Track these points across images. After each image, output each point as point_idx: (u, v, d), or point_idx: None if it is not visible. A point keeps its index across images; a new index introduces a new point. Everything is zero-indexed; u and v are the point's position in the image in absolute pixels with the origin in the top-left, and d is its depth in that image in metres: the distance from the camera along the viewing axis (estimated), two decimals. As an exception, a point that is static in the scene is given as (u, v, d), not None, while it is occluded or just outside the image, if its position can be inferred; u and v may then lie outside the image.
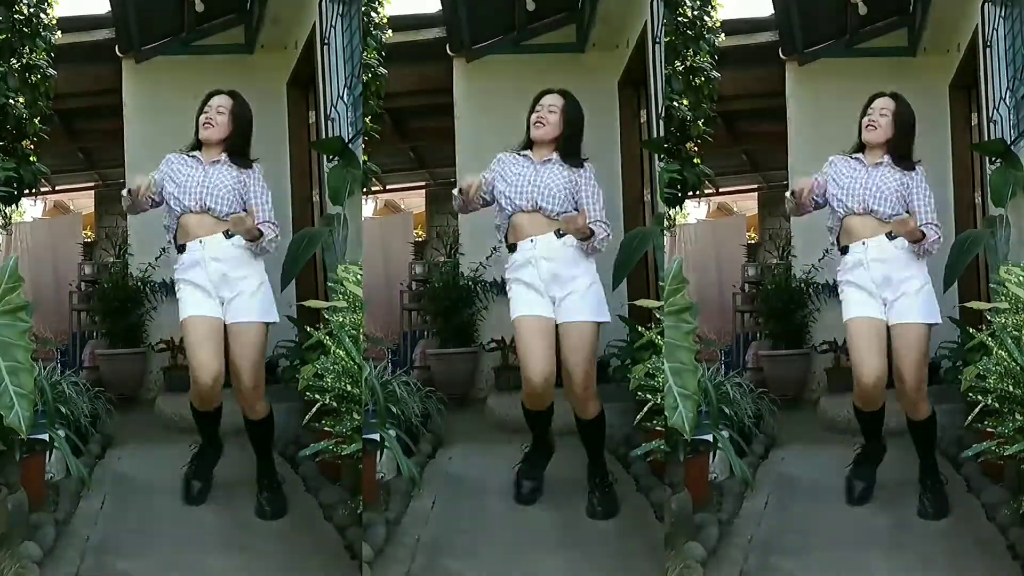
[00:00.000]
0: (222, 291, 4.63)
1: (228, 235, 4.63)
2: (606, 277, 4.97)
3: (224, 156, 4.71)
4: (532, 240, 4.61)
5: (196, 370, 4.59)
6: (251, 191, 4.69)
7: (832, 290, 5.80)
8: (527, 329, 4.60)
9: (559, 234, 4.61)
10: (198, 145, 4.74)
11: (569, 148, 4.69)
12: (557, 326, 4.63)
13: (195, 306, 4.61)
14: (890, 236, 4.60)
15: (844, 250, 4.68)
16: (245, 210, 4.64)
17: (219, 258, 4.63)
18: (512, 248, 4.66)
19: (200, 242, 4.63)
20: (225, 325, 4.64)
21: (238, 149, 4.74)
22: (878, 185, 4.63)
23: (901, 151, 4.68)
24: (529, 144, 4.71)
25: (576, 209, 4.61)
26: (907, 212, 4.60)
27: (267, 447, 4.83)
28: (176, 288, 4.70)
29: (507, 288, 4.69)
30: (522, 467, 4.86)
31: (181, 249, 4.67)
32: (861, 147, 4.73)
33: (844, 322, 4.70)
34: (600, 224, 4.63)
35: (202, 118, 4.70)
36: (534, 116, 4.69)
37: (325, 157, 5.26)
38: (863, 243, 4.63)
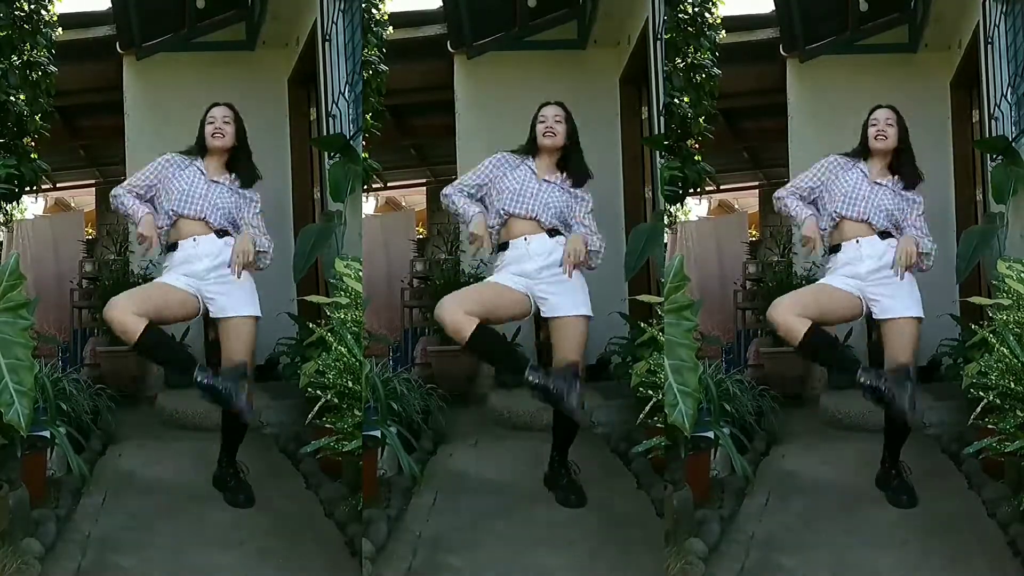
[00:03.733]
0: (208, 288, 4.61)
1: (220, 235, 4.64)
2: (609, 271, 4.99)
3: (227, 173, 4.71)
4: (526, 239, 4.62)
5: (114, 303, 4.52)
6: (245, 217, 4.69)
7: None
8: (486, 285, 4.64)
9: (552, 234, 4.62)
10: (200, 152, 4.72)
11: (575, 161, 4.70)
12: (548, 321, 4.63)
13: (169, 279, 4.61)
14: (883, 236, 4.61)
15: (835, 248, 4.68)
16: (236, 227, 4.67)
17: (212, 254, 4.63)
18: (503, 247, 4.65)
19: (194, 240, 4.63)
20: (216, 321, 4.64)
21: (243, 161, 4.75)
22: (879, 204, 4.64)
23: (906, 159, 4.69)
24: (532, 150, 4.71)
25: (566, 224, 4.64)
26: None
27: (239, 440, 4.81)
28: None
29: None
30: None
31: (172, 247, 4.65)
32: (862, 152, 4.73)
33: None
34: (595, 237, 4.65)
35: (210, 128, 4.69)
36: (542, 126, 4.68)
37: (326, 154, 5.26)
38: (856, 241, 4.63)
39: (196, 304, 4.61)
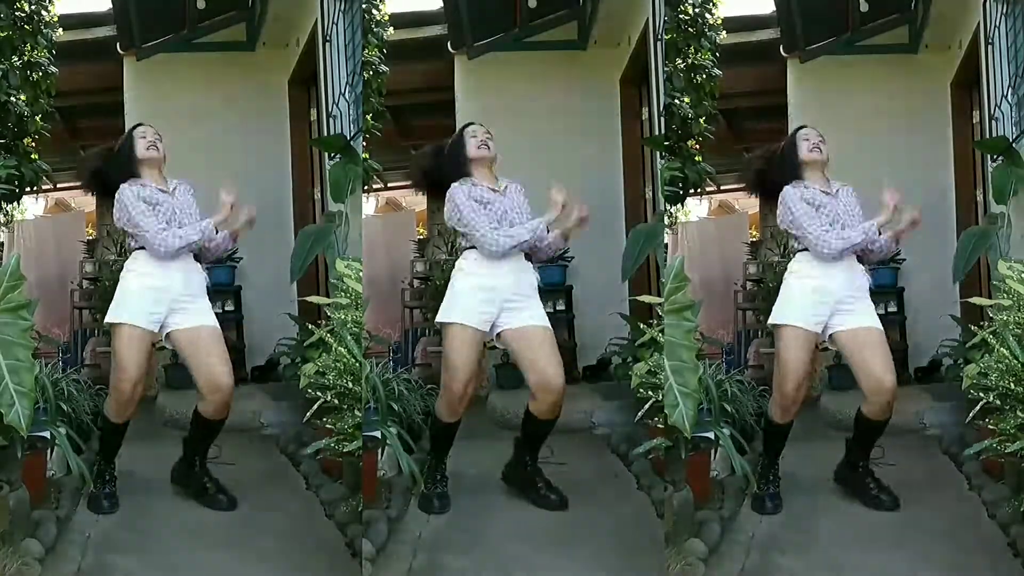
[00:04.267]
0: (177, 296, 4.60)
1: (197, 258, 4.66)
2: (609, 271, 4.99)
3: (173, 181, 4.73)
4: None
5: (124, 371, 4.59)
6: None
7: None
8: (458, 338, 4.62)
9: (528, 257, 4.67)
10: (134, 170, 4.71)
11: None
12: (512, 331, 4.62)
13: (143, 317, 4.59)
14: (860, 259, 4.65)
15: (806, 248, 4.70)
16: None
17: (181, 266, 4.62)
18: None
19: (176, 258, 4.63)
20: (171, 333, 4.64)
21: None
22: (847, 212, 4.69)
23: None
24: (467, 170, 4.71)
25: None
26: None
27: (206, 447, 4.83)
28: (123, 280, 4.65)
29: (452, 281, 4.68)
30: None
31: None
32: (793, 172, 4.75)
33: (772, 322, 4.71)
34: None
35: (143, 143, 4.71)
36: (475, 140, 4.72)
37: (326, 154, 5.26)
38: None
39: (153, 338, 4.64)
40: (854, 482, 4.81)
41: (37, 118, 5.39)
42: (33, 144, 5.40)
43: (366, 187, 5.38)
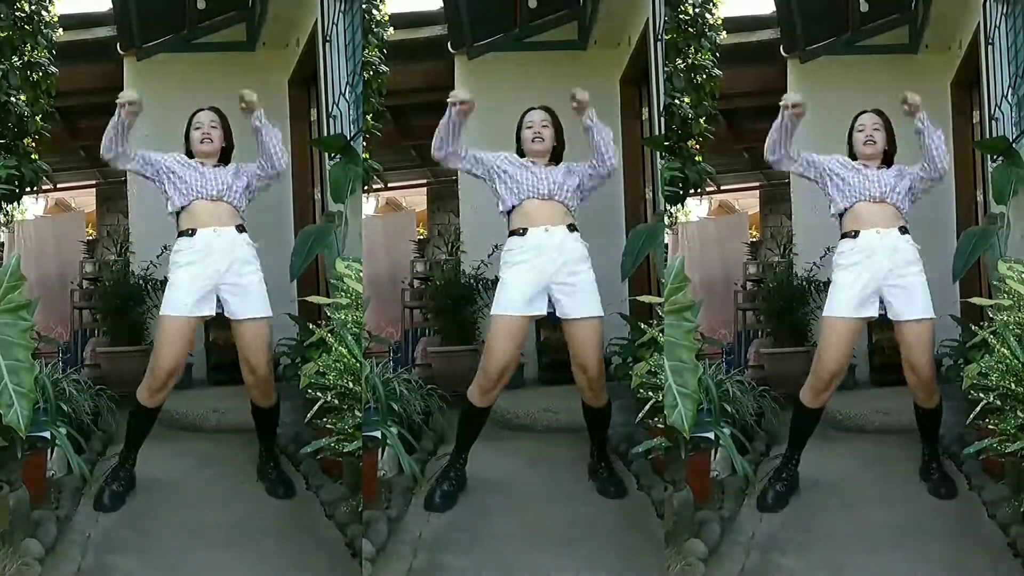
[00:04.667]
0: (223, 284, 4.64)
1: (240, 230, 4.68)
2: (609, 271, 4.99)
3: (221, 165, 4.78)
4: (547, 229, 4.63)
5: (158, 360, 4.64)
6: (251, 170, 4.76)
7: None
8: (496, 324, 4.66)
9: (571, 228, 4.64)
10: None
11: (559, 157, 4.77)
12: (562, 323, 4.65)
13: (181, 307, 4.62)
14: (902, 231, 4.65)
15: (852, 234, 4.69)
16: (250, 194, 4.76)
17: (230, 250, 4.65)
18: (522, 232, 4.64)
19: (215, 231, 4.65)
20: (229, 320, 4.67)
21: (226, 157, 4.83)
22: (888, 181, 4.69)
23: (889, 161, 4.77)
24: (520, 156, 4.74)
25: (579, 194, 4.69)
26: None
27: (274, 433, 4.93)
28: (171, 270, 4.67)
29: (502, 270, 4.68)
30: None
31: (191, 233, 4.66)
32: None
33: (824, 315, 4.72)
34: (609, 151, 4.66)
35: (197, 134, 4.75)
36: (530, 132, 4.72)
37: (326, 154, 5.26)
38: (877, 232, 4.64)
39: (196, 324, 4.69)
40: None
41: (37, 118, 5.39)
42: (33, 144, 5.40)
43: (366, 187, 5.38)
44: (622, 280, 5.29)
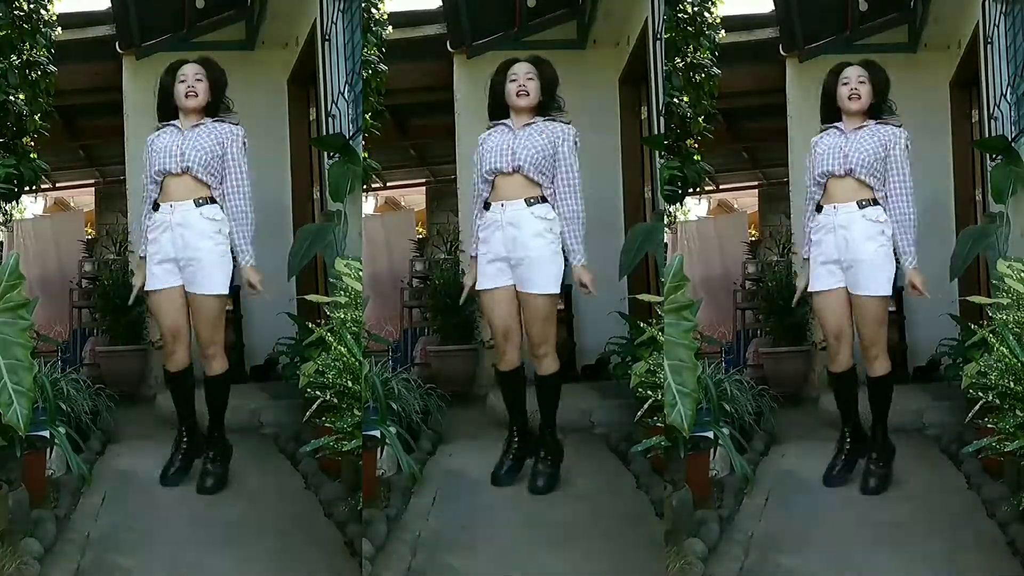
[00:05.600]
0: (182, 256, 4.72)
1: (198, 204, 4.72)
2: (608, 271, 4.99)
3: (206, 119, 4.79)
4: (503, 204, 4.68)
5: (159, 327, 4.88)
6: (228, 155, 4.76)
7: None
8: (487, 299, 4.78)
9: (528, 202, 4.68)
10: (173, 114, 4.80)
11: (548, 106, 4.78)
12: (517, 292, 4.72)
13: (157, 280, 4.77)
14: (860, 205, 4.69)
15: (819, 208, 4.77)
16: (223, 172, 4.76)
17: (184, 224, 4.71)
18: (487, 206, 4.73)
19: (171, 206, 4.73)
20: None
21: (220, 108, 4.84)
22: (858, 147, 4.72)
23: (880, 111, 4.80)
24: (504, 112, 4.76)
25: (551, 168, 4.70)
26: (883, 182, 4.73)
27: (220, 410, 4.95)
28: (143, 248, 4.80)
29: (473, 249, 4.80)
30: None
31: (156, 207, 4.75)
32: (835, 116, 4.81)
33: (810, 291, 4.84)
34: (570, 205, 4.69)
35: (182, 87, 4.76)
36: (514, 85, 4.73)
37: (326, 154, 5.26)
38: (834, 207, 4.73)
39: (173, 291, 4.80)
40: None
41: (36, 117, 5.39)
42: (32, 143, 5.39)
43: (365, 186, 5.38)
44: (620, 278, 5.29)
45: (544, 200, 4.69)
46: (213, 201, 4.74)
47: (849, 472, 4.86)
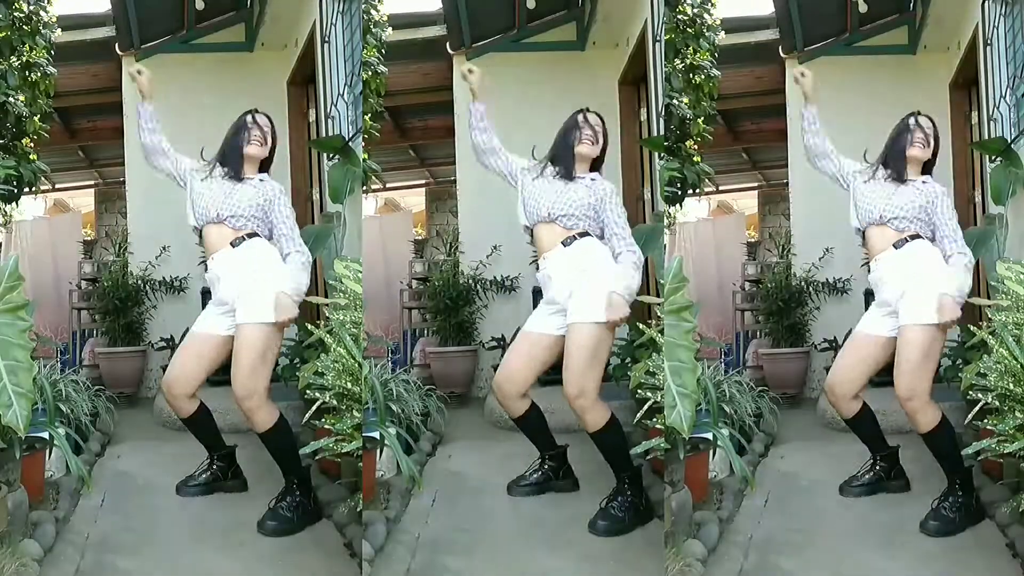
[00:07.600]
0: (227, 298, 4.63)
1: (234, 245, 4.61)
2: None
3: (257, 174, 4.71)
4: (545, 258, 4.63)
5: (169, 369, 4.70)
6: (275, 209, 4.67)
7: (832, 288, 5.82)
8: (519, 338, 4.72)
9: (565, 244, 4.61)
10: (228, 159, 4.68)
11: (599, 165, 4.75)
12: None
13: (201, 321, 4.68)
14: (896, 246, 4.58)
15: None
16: (271, 228, 4.66)
17: (230, 271, 4.62)
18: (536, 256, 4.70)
19: (213, 259, 4.65)
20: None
21: (268, 164, 4.78)
22: (902, 198, 4.59)
23: (930, 168, 4.70)
24: (559, 159, 4.69)
25: (597, 222, 4.64)
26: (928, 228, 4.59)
27: (284, 461, 4.73)
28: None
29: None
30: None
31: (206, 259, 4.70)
32: (896, 164, 4.66)
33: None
34: (624, 244, 4.63)
35: (253, 133, 4.68)
36: (584, 133, 4.67)
37: (325, 155, 5.26)
38: (876, 260, 4.63)
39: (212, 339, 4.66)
40: None
41: (36, 118, 5.39)
42: (32, 144, 5.40)
43: (365, 188, 5.38)
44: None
45: (580, 236, 4.63)
46: (250, 236, 4.63)
47: (870, 491, 4.85)
